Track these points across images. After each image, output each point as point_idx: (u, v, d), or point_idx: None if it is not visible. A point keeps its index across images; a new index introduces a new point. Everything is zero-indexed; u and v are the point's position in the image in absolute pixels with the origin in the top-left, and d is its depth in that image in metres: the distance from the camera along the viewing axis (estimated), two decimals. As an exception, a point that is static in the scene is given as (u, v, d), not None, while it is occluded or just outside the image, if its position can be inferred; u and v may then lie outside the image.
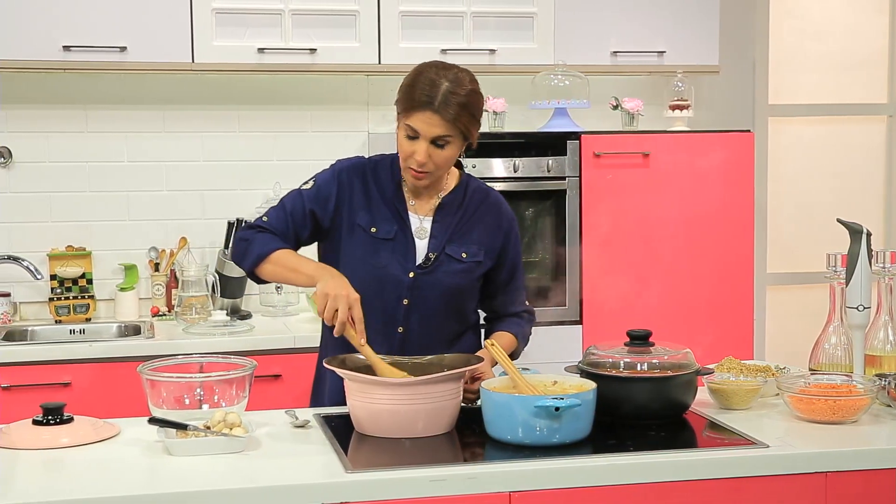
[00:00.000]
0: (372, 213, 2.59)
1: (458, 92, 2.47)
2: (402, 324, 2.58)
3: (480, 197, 2.69)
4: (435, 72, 2.50)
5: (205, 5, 3.80)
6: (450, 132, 2.48)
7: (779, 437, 2.28)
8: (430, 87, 2.46)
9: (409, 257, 2.58)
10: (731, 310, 4.07)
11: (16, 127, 4.01)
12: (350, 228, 2.59)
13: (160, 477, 2.06)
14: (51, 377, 3.51)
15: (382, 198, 2.60)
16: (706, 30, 4.22)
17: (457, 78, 2.50)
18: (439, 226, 2.61)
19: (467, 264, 2.62)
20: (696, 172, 4.02)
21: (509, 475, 2.08)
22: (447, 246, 2.60)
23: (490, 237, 2.66)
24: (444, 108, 2.45)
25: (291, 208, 2.60)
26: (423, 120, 2.46)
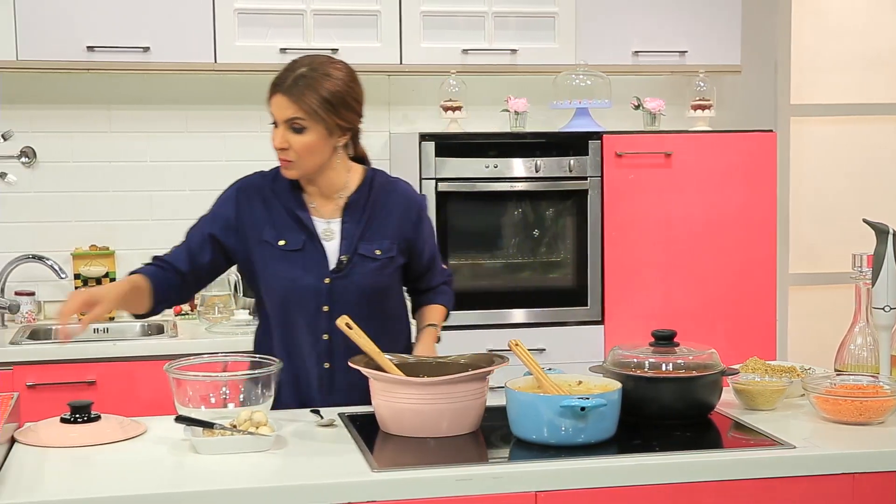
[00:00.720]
0: (277, 227, 2.57)
1: (309, 75, 2.47)
2: (326, 331, 2.56)
3: (387, 190, 2.66)
4: (300, 59, 2.54)
5: (227, 6, 3.82)
6: (299, 114, 2.46)
7: (805, 437, 2.27)
8: (286, 71, 2.50)
9: (322, 264, 2.56)
10: (754, 310, 4.06)
11: (40, 127, 4.04)
12: (258, 245, 2.57)
13: (187, 475, 2.07)
14: (76, 376, 3.53)
15: (285, 208, 2.58)
16: (728, 29, 4.21)
17: (315, 63, 2.51)
18: (349, 226, 2.59)
19: (381, 261, 2.59)
20: (718, 172, 4.02)
21: (535, 475, 2.08)
22: (359, 245, 2.58)
23: (401, 229, 2.64)
24: (291, 89, 2.46)
25: (190, 235, 2.63)
26: (275, 103, 2.49)
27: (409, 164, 3.96)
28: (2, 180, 4.02)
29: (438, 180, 3.84)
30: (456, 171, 3.86)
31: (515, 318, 3.94)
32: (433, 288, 2.78)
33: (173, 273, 2.58)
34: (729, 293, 4.04)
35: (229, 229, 2.58)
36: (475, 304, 3.90)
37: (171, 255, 2.61)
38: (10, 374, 3.49)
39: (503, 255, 3.98)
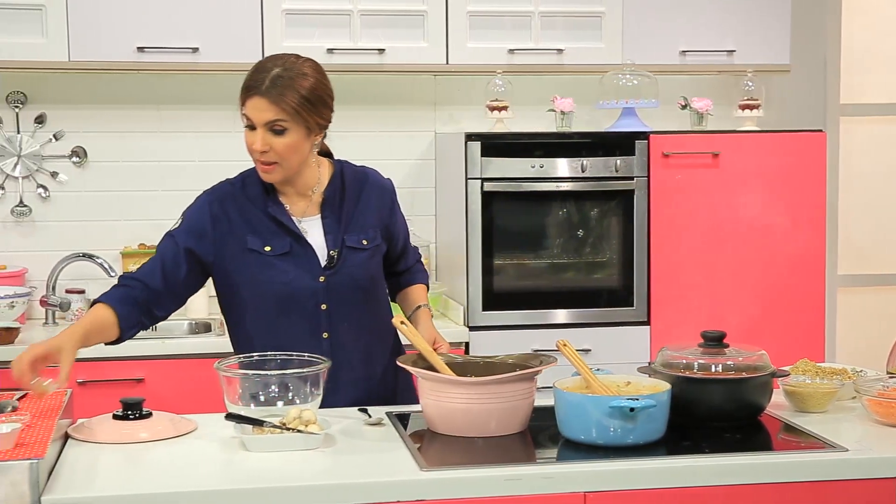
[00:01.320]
0: (259, 233, 2.51)
1: (285, 75, 2.42)
2: (327, 329, 2.54)
3: (359, 180, 2.64)
4: (269, 60, 2.49)
5: (275, 6, 3.84)
6: (280, 116, 2.42)
7: (857, 440, 2.24)
8: (258, 73, 2.44)
9: (313, 263, 2.53)
10: (802, 312, 4.03)
11: (91, 127, 4.09)
12: (242, 254, 2.51)
13: (238, 472, 2.09)
14: (125, 373, 3.57)
15: (263, 213, 2.53)
16: (777, 28, 4.18)
17: (288, 63, 2.46)
18: (329, 221, 2.56)
19: (369, 250, 2.58)
20: (766, 173, 3.98)
21: (585, 475, 2.07)
22: (346, 238, 2.56)
23: (380, 216, 2.63)
24: (270, 90, 2.40)
25: (162, 252, 2.52)
26: (253, 106, 2.42)
27: (454, 163, 3.96)
28: (53, 180, 4.08)
29: (484, 180, 3.84)
30: (502, 171, 3.86)
31: (561, 318, 3.93)
32: (409, 268, 2.78)
33: (145, 292, 2.49)
34: (777, 294, 4.01)
35: (204, 241, 2.51)
36: (520, 304, 3.90)
37: (144, 273, 2.50)
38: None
39: (548, 255, 3.98)
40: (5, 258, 4.03)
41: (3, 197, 4.05)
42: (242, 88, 2.46)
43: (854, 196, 4.79)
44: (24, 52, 3.70)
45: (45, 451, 1.96)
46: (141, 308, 2.49)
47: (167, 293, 2.52)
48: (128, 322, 2.48)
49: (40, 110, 4.05)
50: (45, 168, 4.07)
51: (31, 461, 1.90)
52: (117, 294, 2.48)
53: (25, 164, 4.05)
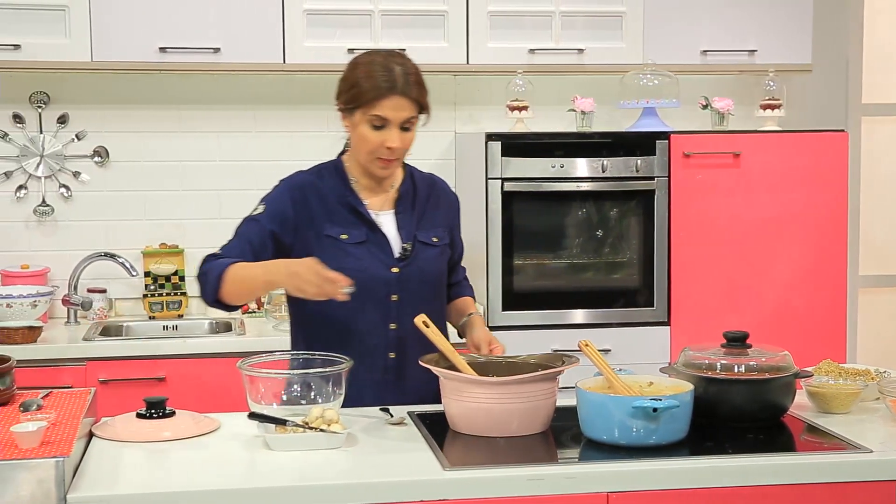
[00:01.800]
0: (337, 222, 2.57)
1: (411, 71, 2.52)
2: (395, 320, 2.57)
3: (428, 182, 2.73)
4: (381, 59, 2.53)
5: (296, 6, 3.85)
6: (415, 112, 2.52)
7: (881, 441, 2.24)
8: (389, 73, 2.49)
9: (386, 254, 2.58)
10: (823, 312, 4.01)
11: (113, 127, 4.11)
12: (318, 241, 2.55)
13: (261, 471, 2.09)
14: (147, 372, 3.59)
15: (340, 203, 2.59)
16: (798, 28, 4.16)
17: (402, 59, 2.55)
18: (403, 217, 2.63)
19: (440, 247, 2.66)
20: (787, 173, 3.97)
21: (607, 475, 2.07)
22: (417, 234, 2.62)
23: (447, 219, 2.73)
24: (407, 88, 2.48)
25: (247, 234, 2.55)
26: (392, 106, 2.47)
27: (474, 163, 3.96)
28: (75, 179, 4.10)
29: (504, 180, 3.84)
30: (522, 170, 3.85)
31: (581, 318, 3.93)
32: (459, 282, 2.84)
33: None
34: (798, 295, 3.99)
35: (286, 226, 2.57)
36: (541, 304, 3.90)
37: (234, 254, 2.52)
38: (83, 369, 3.56)
39: (569, 255, 3.97)
40: (28, 257, 4.06)
41: (25, 197, 4.08)
42: (371, 90, 2.48)
43: (875, 196, 4.77)
44: (47, 53, 3.72)
45: (70, 450, 1.97)
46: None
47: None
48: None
49: (63, 110, 4.07)
50: (68, 168, 4.09)
51: (56, 459, 1.91)
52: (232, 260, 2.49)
53: (48, 164, 4.07)
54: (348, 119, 2.56)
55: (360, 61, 2.56)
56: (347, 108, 2.54)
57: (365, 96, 2.49)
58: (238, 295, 2.49)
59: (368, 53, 2.60)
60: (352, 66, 2.57)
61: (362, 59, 2.56)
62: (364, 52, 2.62)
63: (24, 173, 4.07)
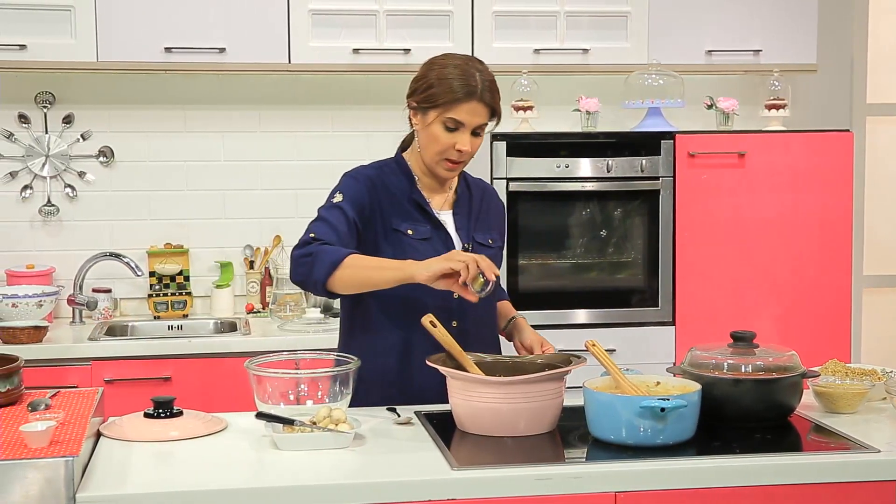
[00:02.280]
0: (402, 217, 2.59)
1: (489, 78, 2.54)
2: (457, 317, 2.58)
3: (481, 186, 2.79)
4: (461, 62, 2.54)
5: (301, 7, 3.85)
6: (488, 119, 2.54)
7: (888, 441, 2.24)
8: (469, 78, 2.51)
9: (450, 251, 2.57)
10: (828, 312, 4.01)
11: (118, 127, 4.12)
12: (385, 234, 2.57)
13: (269, 471, 2.09)
14: (152, 372, 3.59)
15: (406, 200, 2.61)
16: (804, 28, 4.16)
17: (480, 64, 2.56)
18: (460, 218, 2.66)
19: (494, 249, 2.70)
20: (792, 173, 3.97)
21: (615, 475, 2.07)
22: (475, 235, 2.66)
23: (499, 222, 2.79)
24: (485, 95, 2.51)
25: (336, 221, 2.52)
26: (469, 111, 2.50)
27: (480, 163, 3.95)
28: (80, 179, 4.10)
29: (510, 180, 3.84)
30: (527, 170, 3.86)
31: (585, 318, 3.93)
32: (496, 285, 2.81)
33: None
34: (803, 295, 3.99)
35: (363, 216, 2.56)
36: (545, 303, 3.90)
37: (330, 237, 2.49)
38: (88, 369, 3.56)
39: (574, 255, 3.97)
40: (33, 257, 4.06)
41: (31, 196, 4.08)
42: (449, 92, 2.49)
43: (879, 196, 4.77)
44: (52, 53, 3.73)
45: (79, 449, 1.97)
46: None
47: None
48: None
49: (68, 110, 4.08)
50: (73, 168, 4.10)
51: (66, 459, 1.91)
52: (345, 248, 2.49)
53: (53, 164, 4.08)
54: (419, 117, 2.56)
55: (440, 62, 2.56)
56: (421, 107, 2.55)
57: (443, 97, 2.50)
58: (354, 281, 2.44)
59: (447, 56, 2.60)
60: (429, 66, 2.57)
61: (442, 60, 2.57)
62: (442, 54, 2.61)
63: (30, 173, 4.07)
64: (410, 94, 2.59)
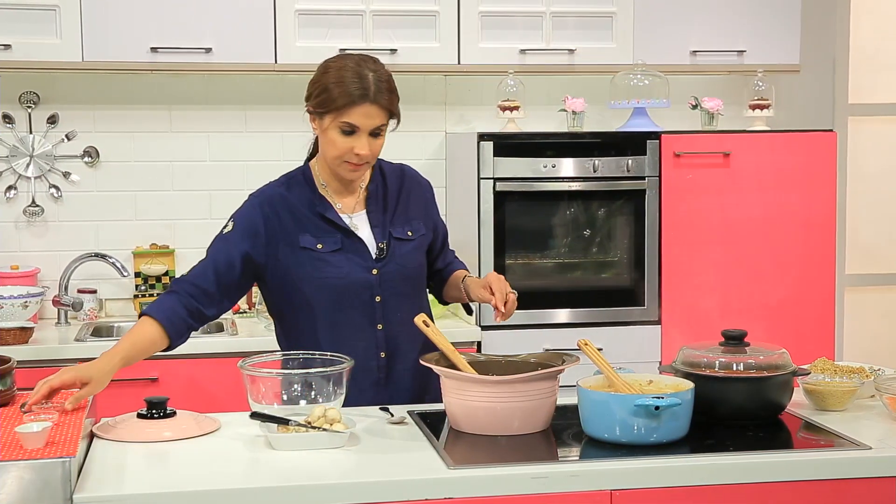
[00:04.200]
0: (310, 231, 2.56)
1: (382, 78, 2.49)
2: (381, 321, 2.57)
3: (397, 174, 2.70)
4: (354, 64, 2.49)
5: (288, 7, 3.85)
6: (385, 119, 2.50)
7: (879, 438, 2.26)
8: (361, 80, 2.45)
9: (364, 257, 2.57)
10: (812, 311, 4.04)
11: (103, 127, 4.10)
12: (294, 254, 2.55)
13: (265, 471, 2.09)
14: (139, 373, 3.56)
15: (312, 213, 2.57)
16: (787, 28, 4.19)
17: (375, 64, 2.51)
18: (375, 215, 2.62)
19: (416, 240, 2.64)
20: (776, 172, 4.00)
21: (611, 473, 2.08)
22: (392, 230, 2.61)
23: (422, 209, 2.70)
24: (379, 97, 2.46)
25: (214, 255, 2.55)
26: (363, 113, 2.45)
27: (466, 163, 3.97)
28: (65, 180, 4.08)
29: (496, 180, 3.85)
30: (513, 170, 3.87)
31: (572, 317, 3.94)
32: (450, 263, 2.81)
33: (197, 295, 2.52)
34: (787, 294, 4.02)
35: (258, 242, 2.54)
36: (532, 303, 3.90)
37: (195, 276, 2.54)
38: (75, 370, 3.53)
39: (560, 255, 3.99)
40: (18, 258, 4.04)
41: (15, 197, 4.06)
42: (342, 96, 2.45)
43: (861, 196, 4.81)
44: (37, 53, 3.71)
45: (76, 450, 1.96)
46: (191, 313, 2.52)
47: (219, 295, 2.55)
48: (176, 331, 2.52)
49: (53, 110, 4.06)
50: (58, 168, 4.08)
51: (63, 459, 1.91)
52: (166, 303, 2.52)
53: (38, 165, 4.06)
54: (317, 122, 2.52)
55: (332, 65, 2.51)
56: (317, 112, 2.51)
57: (335, 102, 2.45)
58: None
59: (340, 57, 2.56)
60: (322, 70, 2.53)
61: (334, 63, 2.52)
62: (336, 56, 2.58)
63: (14, 174, 4.05)
64: (307, 99, 2.54)
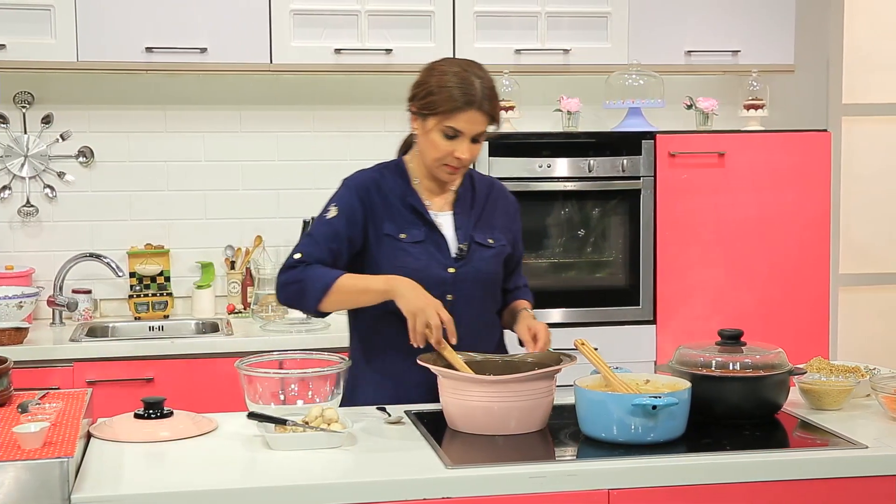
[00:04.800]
0: (396, 221, 2.59)
1: (488, 85, 2.53)
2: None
3: (487, 184, 2.75)
4: (461, 70, 2.52)
5: (283, 7, 3.85)
6: (487, 126, 2.54)
7: (875, 437, 2.26)
8: (469, 87, 2.49)
9: (443, 254, 2.60)
10: (806, 310, 4.05)
11: (98, 127, 4.09)
12: (377, 240, 2.58)
13: (263, 470, 2.09)
14: (135, 373, 3.57)
15: (401, 203, 2.61)
16: (781, 28, 4.20)
17: (481, 71, 2.55)
18: (461, 217, 2.65)
19: (496, 248, 2.67)
20: (772, 172, 4.00)
21: (609, 472, 2.09)
22: (474, 234, 2.64)
23: (507, 221, 2.73)
24: (485, 104, 2.50)
25: (325, 238, 2.56)
26: (468, 119, 2.49)
27: (462, 163, 3.97)
28: (60, 180, 4.08)
29: (492, 180, 3.85)
30: (509, 170, 3.86)
31: (567, 317, 3.95)
32: (518, 287, 2.81)
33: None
34: (782, 293, 4.03)
35: (357, 228, 2.58)
36: (528, 303, 3.91)
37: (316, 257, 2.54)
38: (70, 370, 3.54)
39: (555, 255, 3.99)
40: (13, 258, 4.03)
41: (10, 197, 4.05)
42: (448, 100, 2.48)
43: (855, 195, 4.82)
44: (32, 53, 3.70)
45: (73, 450, 1.96)
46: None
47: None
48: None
49: (47, 110, 4.05)
50: (52, 168, 4.07)
51: (60, 460, 1.91)
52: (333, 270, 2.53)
53: (32, 165, 4.05)
54: (419, 123, 2.55)
55: (440, 69, 2.54)
56: (420, 114, 2.54)
57: (442, 107, 2.49)
58: (342, 304, 2.55)
59: (447, 61, 2.58)
60: (429, 72, 2.55)
61: (441, 66, 2.55)
62: (442, 60, 2.60)
63: (8, 174, 4.04)
64: (411, 99, 2.57)
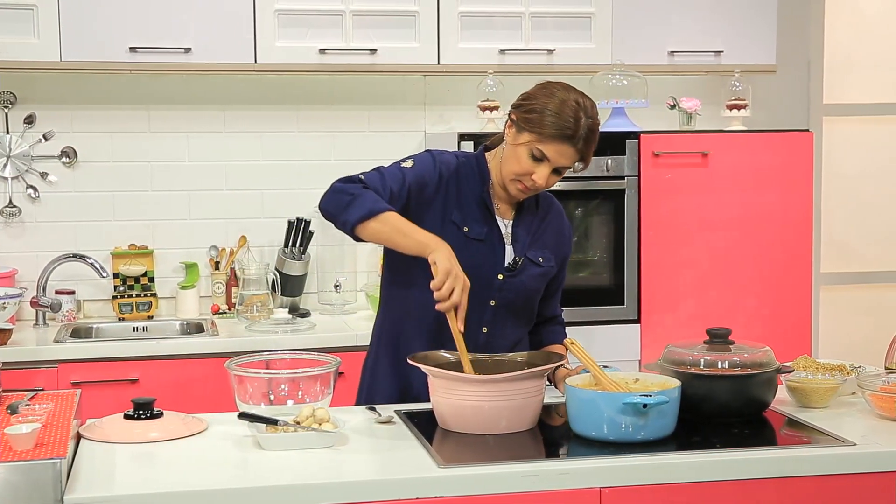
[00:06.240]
0: (464, 212, 2.58)
1: (593, 128, 2.50)
2: (488, 324, 2.59)
3: (548, 203, 2.74)
4: (573, 101, 2.48)
5: (268, 7, 3.84)
6: (573, 163, 2.52)
7: (862, 435, 2.28)
8: (575, 122, 2.46)
9: (498, 259, 2.59)
10: (789, 309, 4.08)
11: (81, 127, 4.07)
12: (442, 223, 2.55)
13: (255, 471, 2.09)
14: (119, 374, 3.56)
15: (473, 196, 2.60)
16: (763, 29, 4.23)
17: (592, 111, 2.52)
18: (520, 230, 2.64)
19: (544, 268, 2.66)
20: (754, 172, 4.03)
21: (601, 471, 2.10)
22: (528, 251, 2.63)
23: (558, 244, 2.72)
24: (581, 143, 2.48)
25: (392, 179, 2.52)
26: (559, 151, 2.48)
27: (447, 163, 3.97)
28: (43, 180, 4.05)
29: (477, 180, 3.85)
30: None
31: (552, 316, 3.95)
32: (554, 317, 2.81)
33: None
34: (764, 292, 4.06)
35: (423, 192, 2.54)
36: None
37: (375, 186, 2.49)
38: (54, 371, 3.52)
39: (540, 255, 4.00)
40: (-5, 259, 4.01)
41: (-8, 198, 4.03)
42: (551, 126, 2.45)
43: (836, 195, 4.85)
44: (15, 52, 3.67)
45: (66, 451, 1.96)
46: None
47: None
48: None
49: (30, 110, 4.03)
50: (35, 168, 4.04)
51: (53, 461, 1.90)
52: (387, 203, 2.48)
53: (15, 165, 4.02)
54: (513, 131, 2.52)
55: (557, 94, 2.49)
56: (518, 124, 2.51)
57: (542, 129, 2.46)
58: (379, 236, 2.45)
59: (564, 87, 2.52)
60: (542, 89, 2.52)
61: (556, 90, 2.51)
62: (560, 84, 2.54)
63: (-9, 174, 4.02)
64: (515, 107, 2.54)
